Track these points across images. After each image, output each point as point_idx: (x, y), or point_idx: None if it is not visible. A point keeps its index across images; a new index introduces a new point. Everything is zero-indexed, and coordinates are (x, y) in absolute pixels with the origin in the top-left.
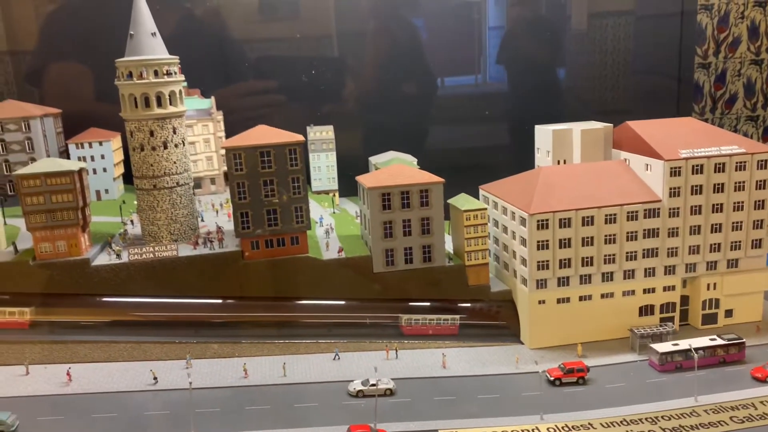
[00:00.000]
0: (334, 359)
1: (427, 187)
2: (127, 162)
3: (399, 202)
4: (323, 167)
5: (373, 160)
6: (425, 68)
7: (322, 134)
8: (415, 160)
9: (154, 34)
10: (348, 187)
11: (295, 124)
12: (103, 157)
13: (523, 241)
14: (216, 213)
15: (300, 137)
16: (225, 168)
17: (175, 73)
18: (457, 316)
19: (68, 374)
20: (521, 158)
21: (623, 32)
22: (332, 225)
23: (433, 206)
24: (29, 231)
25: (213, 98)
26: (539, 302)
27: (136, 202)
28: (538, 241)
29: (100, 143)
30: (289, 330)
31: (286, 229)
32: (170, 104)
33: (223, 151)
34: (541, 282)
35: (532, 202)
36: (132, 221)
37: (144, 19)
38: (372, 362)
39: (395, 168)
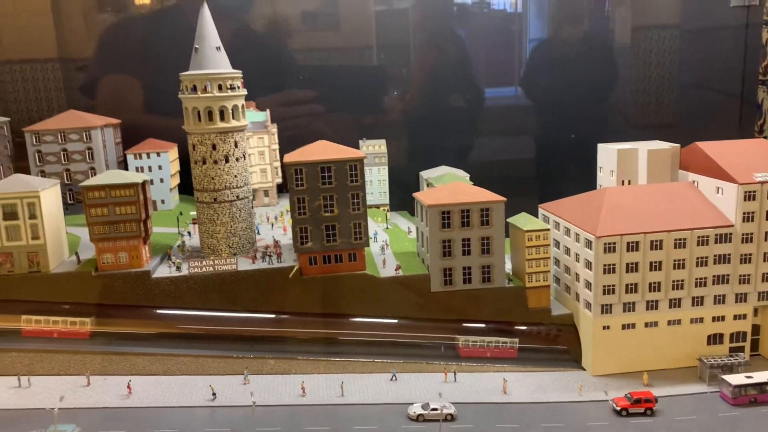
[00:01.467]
0: (391, 380)
1: (489, 206)
2: (182, 173)
3: (459, 220)
4: (375, 181)
5: (425, 175)
6: (470, 80)
7: (374, 148)
8: (467, 176)
9: (218, 48)
10: (394, 200)
11: (341, 136)
12: (160, 167)
13: (588, 264)
14: (271, 226)
15: (361, 153)
16: (278, 180)
17: (238, 87)
18: (516, 339)
19: (129, 387)
20: (562, 172)
21: (668, 46)
22: (387, 241)
23: (494, 225)
24: (92, 242)
25: (268, 111)
26: (603, 328)
27: (192, 214)
28: (605, 265)
29: (158, 154)
30: (346, 348)
31: (344, 245)
32: (232, 118)
33: (277, 164)
34: (606, 307)
35: (599, 224)
36: (189, 233)
37: (209, 33)
38: (429, 384)
39: (455, 185)
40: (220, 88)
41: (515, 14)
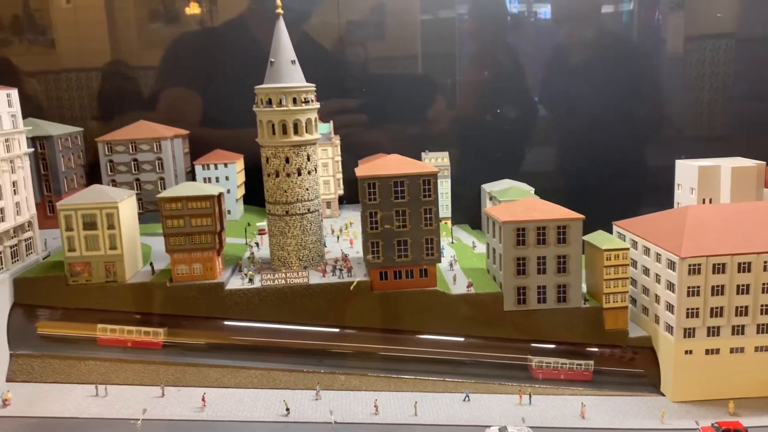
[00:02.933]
0: (464, 400)
1: (566, 224)
2: (248, 184)
3: (534, 238)
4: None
5: (488, 188)
6: (522, 90)
7: (437, 161)
8: (532, 190)
9: (293, 62)
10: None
11: (393, 147)
12: (227, 178)
13: (670, 286)
14: (337, 238)
15: (434, 168)
16: (341, 192)
17: (312, 100)
18: (591, 362)
19: (203, 399)
20: (616, 186)
21: (723, 56)
22: (455, 257)
23: (571, 243)
24: (168, 253)
25: (331, 123)
26: (686, 352)
27: (258, 225)
28: (689, 287)
29: (225, 165)
30: (415, 365)
31: (415, 260)
32: (306, 131)
33: (339, 176)
34: (689, 331)
35: (683, 245)
36: (257, 244)
37: (284, 46)
38: (504, 406)
39: (529, 201)
40: (294, 101)
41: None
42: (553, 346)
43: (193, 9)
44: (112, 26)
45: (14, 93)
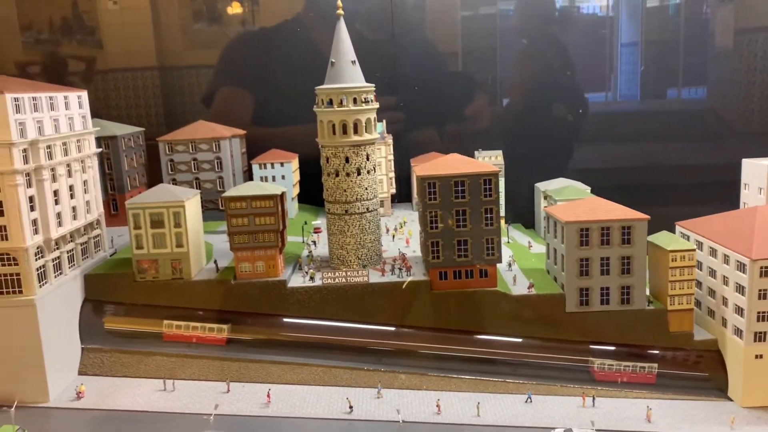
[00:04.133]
0: (526, 401)
1: (630, 224)
2: (302, 183)
3: (598, 238)
4: None
5: (542, 187)
6: (571, 86)
7: (491, 159)
8: (588, 189)
9: (353, 62)
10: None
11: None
12: (283, 177)
13: (739, 288)
14: (392, 237)
15: (495, 168)
16: (393, 191)
17: (371, 100)
18: (655, 364)
19: (268, 395)
20: (670, 183)
21: None
22: (512, 257)
23: (636, 244)
24: (232, 251)
25: (384, 121)
26: (756, 356)
27: (314, 223)
28: (760, 290)
29: (282, 164)
30: (475, 366)
31: (476, 260)
32: (365, 131)
33: (392, 174)
34: (759, 335)
35: (753, 246)
36: (314, 242)
37: (345, 47)
38: (566, 408)
39: (592, 201)
40: (354, 101)
41: (606, 18)
42: (612, 348)
43: (235, 9)
44: (157, 27)
45: (84, 95)
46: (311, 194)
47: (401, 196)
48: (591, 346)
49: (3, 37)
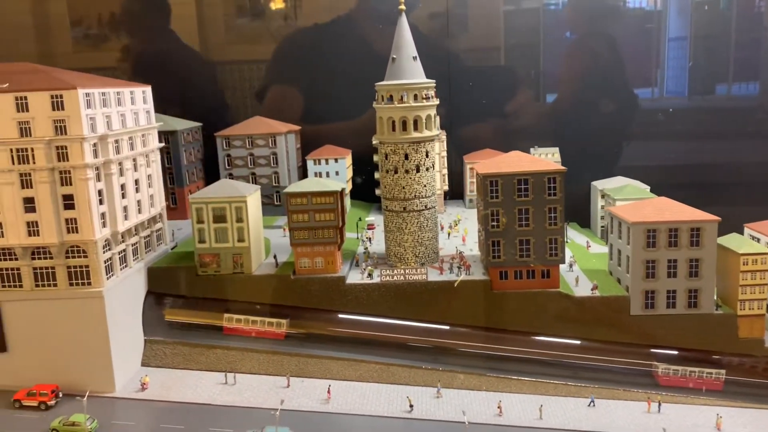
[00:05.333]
0: (589, 405)
1: (700, 226)
2: (353, 179)
3: (666, 240)
4: None
5: (599, 185)
6: (620, 82)
7: (548, 157)
8: (647, 188)
9: (414, 58)
10: None
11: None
12: (337, 173)
13: None
14: (448, 235)
15: (561, 167)
16: (446, 188)
17: (432, 97)
18: (723, 370)
19: (329, 391)
20: (716, 180)
21: None
22: (573, 257)
23: (705, 247)
24: (292, 246)
25: (438, 117)
26: None
27: (368, 219)
28: None
29: (336, 160)
30: (535, 367)
31: (538, 261)
32: (425, 128)
33: (445, 171)
34: None
35: None
36: (369, 239)
37: (406, 42)
38: (631, 412)
39: (659, 202)
40: (415, 98)
41: (654, 12)
42: (676, 352)
43: (278, 4)
44: (201, 21)
45: (148, 90)
46: (360, 190)
47: (452, 193)
48: (653, 350)
49: (55, 33)
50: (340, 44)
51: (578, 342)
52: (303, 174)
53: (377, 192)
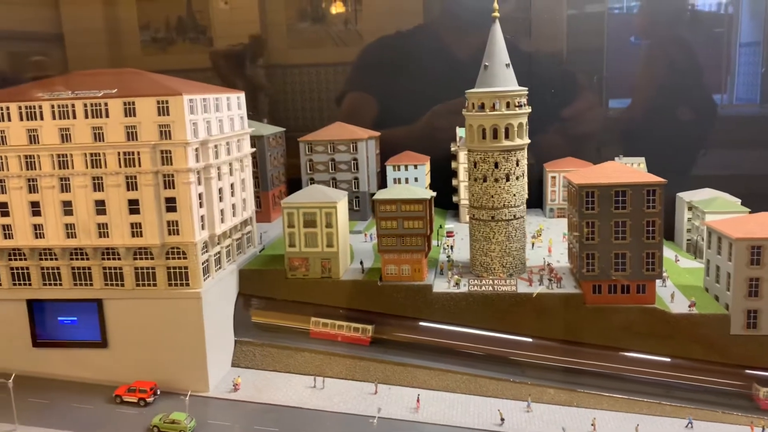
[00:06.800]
0: (686, 427)
1: None
2: (432, 186)
3: None
4: None
5: (686, 197)
6: (698, 88)
7: (633, 166)
8: (738, 201)
9: (507, 65)
10: None
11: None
12: (416, 179)
13: None
14: (531, 245)
15: (661, 179)
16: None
17: (524, 104)
18: None
19: (418, 400)
20: None
21: None
22: (666, 273)
23: None
24: (380, 253)
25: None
26: None
27: (447, 227)
28: None
29: (415, 166)
30: (628, 384)
31: (634, 275)
32: (516, 136)
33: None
34: None
35: None
36: (451, 247)
37: (499, 49)
38: None
39: (763, 217)
40: (507, 105)
41: (725, 16)
42: (761, 373)
43: (338, 8)
44: (263, 25)
45: (242, 96)
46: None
47: (531, 201)
48: (753, 371)
49: (125, 37)
50: (418, 51)
51: (670, 360)
52: (381, 180)
53: (454, 199)
